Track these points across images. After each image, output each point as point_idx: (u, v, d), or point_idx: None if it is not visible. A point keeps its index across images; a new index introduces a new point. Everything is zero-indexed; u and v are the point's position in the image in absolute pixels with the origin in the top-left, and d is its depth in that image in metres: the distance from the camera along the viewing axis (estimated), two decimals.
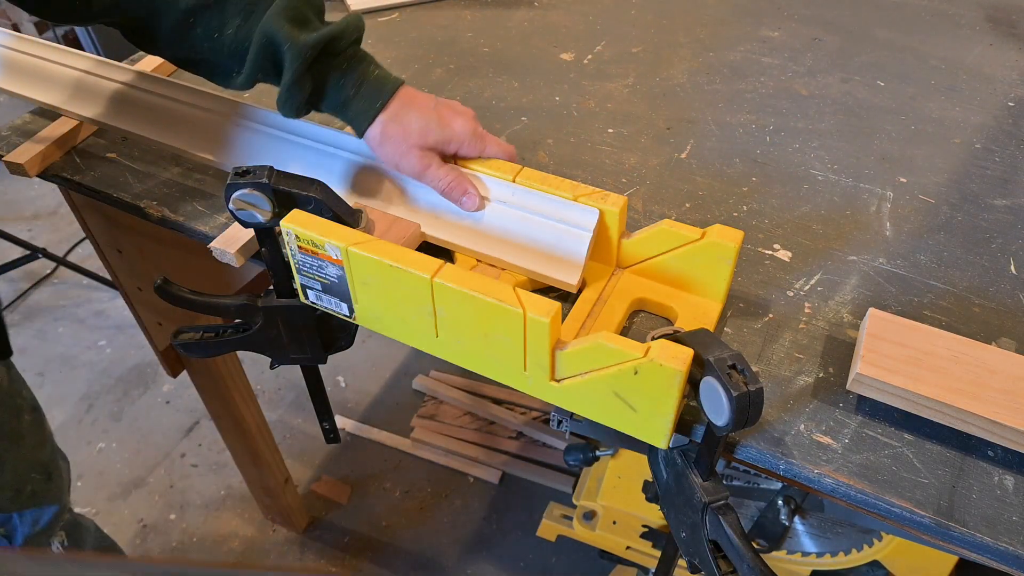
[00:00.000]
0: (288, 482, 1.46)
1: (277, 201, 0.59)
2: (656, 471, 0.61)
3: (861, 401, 0.57)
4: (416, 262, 0.55)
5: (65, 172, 0.79)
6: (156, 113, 0.80)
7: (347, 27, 0.63)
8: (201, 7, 0.62)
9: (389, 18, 1.10)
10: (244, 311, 0.69)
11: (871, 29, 1.08)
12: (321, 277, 0.61)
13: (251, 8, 0.62)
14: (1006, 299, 0.66)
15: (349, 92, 0.64)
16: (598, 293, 0.63)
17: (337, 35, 0.62)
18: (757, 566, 0.50)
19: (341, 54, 0.63)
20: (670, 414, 0.50)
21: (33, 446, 0.92)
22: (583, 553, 1.49)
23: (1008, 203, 0.77)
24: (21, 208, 2.38)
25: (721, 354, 0.47)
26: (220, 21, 0.63)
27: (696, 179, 0.79)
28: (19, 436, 0.89)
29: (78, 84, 0.83)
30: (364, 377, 1.86)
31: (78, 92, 0.83)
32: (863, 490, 0.51)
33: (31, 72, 0.85)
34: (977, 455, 0.53)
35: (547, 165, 0.81)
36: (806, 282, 0.67)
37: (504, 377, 0.57)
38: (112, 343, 1.95)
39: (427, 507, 1.59)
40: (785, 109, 0.91)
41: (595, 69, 0.98)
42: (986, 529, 0.49)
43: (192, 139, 0.78)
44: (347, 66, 0.64)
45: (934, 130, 0.87)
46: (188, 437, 1.73)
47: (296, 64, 0.61)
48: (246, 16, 0.62)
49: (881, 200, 0.77)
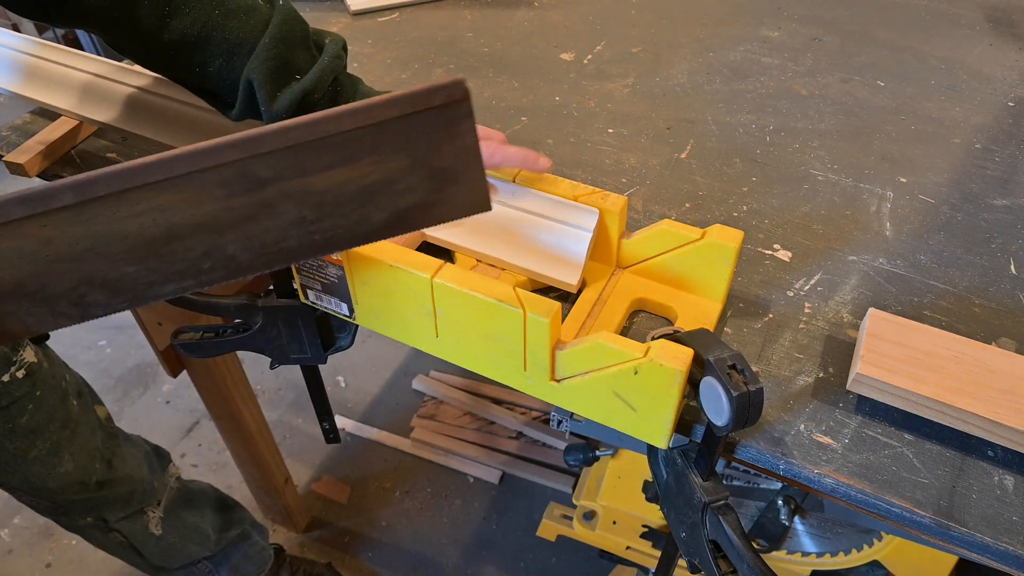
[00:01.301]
0: (288, 482, 1.46)
1: None
2: (656, 471, 0.61)
3: (861, 401, 0.57)
4: (416, 262, 0.55)
5: (65, 172, 0.79)
6: (156, 113, 0.80)
7: (321, 76, 0.63)
8: (183, 43, 0.62)
9: (389, 18, 1.10)
10: (244, 311, 0.69)
11: (871, 29, 1.08)
12: (321, 277, 0.61)
13: (234, 48, 0.62)
14: (1006, 299, 0.66)
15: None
16: (598, 293, 0.63)
17: (310, 89, 0.62)
18: (757, 566, 0.50)
19: (317, 104, 0.64)
20: (670, 414, 0.50)
21: (88, 433, 0.91)
22: (583, 553, 1.49)
23: (1008, 203, 0.77)
24: None
25: (721, 354, 0.47)
26: (202, 58, 0.63)
27: (696, 179, 0.79)
28: (71, 422, 0.87)
29: (78, 84, 0.83)
30: (364, 377, 1.86)
31: (78, 92, 0.83)
32: (863, 490, 0.51)
33: (31, 72, 0.85)
34: (977, 455, 0.53)
35: None
36: (806, 282, 0.67)
37: (504, 377, 0.57)
38: (112, 343, 1.95)
39: (427, 507, 1.59)
40: (785, 109, 0.91)
41: (595, 69, 0.98)
42: (986, 529, 0.49)
43: (192, 139, 0.78)
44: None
45: (934, 130, 0.87)
46: (188, 437, 1.73)
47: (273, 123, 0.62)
48: (228, 57, 0.62)
49: (881, 200, 0.77)
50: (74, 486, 0.90)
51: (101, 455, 0.93)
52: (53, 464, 0.86)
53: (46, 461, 0.86)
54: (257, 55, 0.61)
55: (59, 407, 0.85)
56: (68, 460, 0.88)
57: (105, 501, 0.96)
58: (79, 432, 0.89)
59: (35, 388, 0.81)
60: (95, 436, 0.93)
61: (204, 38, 0.61)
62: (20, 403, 0.80)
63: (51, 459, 0.86)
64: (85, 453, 0.90)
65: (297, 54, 0.63)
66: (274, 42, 0.61)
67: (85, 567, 1.49)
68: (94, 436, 0.92)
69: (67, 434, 0.86)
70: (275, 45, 0.61)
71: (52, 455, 0.86)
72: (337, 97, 0.65)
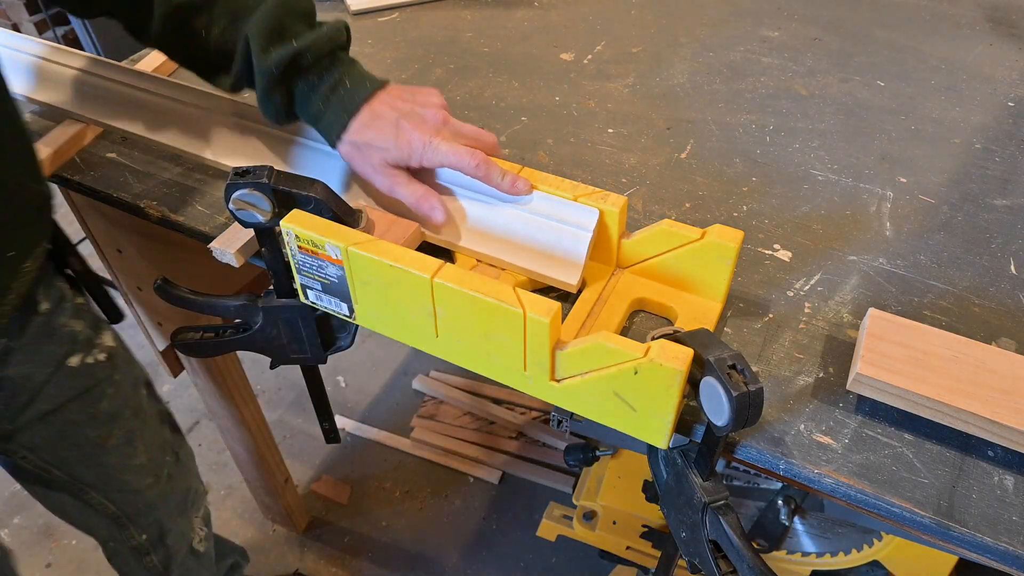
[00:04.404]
0: (288, 482, 1.46)
1: (277, 201, 0.59)
2: (656, 471, 0.61)
3: (861, 401, 0.57)
4: (416, 262, 0.55)
5: (65, 172, 0.79)
6: (156, 113, 0.80)
7: (316, 40, 0.63)
8: (191, 5, 0.64)
9: (389, 18, 1.10)
10: (244, 311, 0.69)
11: (871, 29, 1.08)
12: (321, 277, 0.61)
13: (238, 12, 0.63)
14: (1006, 299, 0.66)
15: (318, 106, 0.65)
16: (598, 293, 0.63)
17: (303, 50, 0.62)
18: (757, 566, 0.50)
19: (310, 68, 0.64)
20: (670, 414, 0.50)
21: (156, 424, 0.89)
22: (583, 553, 1.49)
23: (1008, 203, 0.77)
24: None
25: (721, 354, 0.47)
26: (208, 19, 0.64)
27: (696, 179, 0.79)
28: (142, 412, 0.85)
29: (78, 84, 0.83)
30: (364, 377, 1.86)
31: (78, 92, 0.83)
32: (863, 490, 0.51)
33: (31, 72, 0.85)
34: (977, 455, 0.53)
35: (547, 165, 0.81)
36: (806, 282, 0.67)
37: (504, 377, 0.57)
38: None
39: (427, 507, 1.59)
40: (785, 109, 0.91)
41: (595, 69, 0.98)
42: (986, 529, 0.49)
43: (192, 139, 0.78)
44: (316, 80, 0.65)
45: (934, 130, 0.87)
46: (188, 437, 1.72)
47: (263, 80, 0.63)
48: (232, 19, 0.63)
49: (881, 200, 0.77)
50: (148, 478, 0.87)
51: (171, 447, 0.92)
52: (129, 455, 0.83)
53: (123, 451, 0.83)
54: (257, 15, 0.62)
55: (132, 395, 0.83)
56: (143, 452, 0.85)
57: (170, 498, 0.93)
58: (148, 423, 0.86)
59: (114, 372, 0.79)
60: (163, 428, 0.91)
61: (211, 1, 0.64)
62: (100, 387, 0.77)
63: (127, 448, 0.83)
64: (156, 445, 0.88)
65: (296, 22, 0.64)
66: (276, 6, 0.62)
67: (85, 567, 1.49)
68: (163, 428, 0.90)
69: (138, 424, 0.84)
70: (277, 8, 0.62)
71: (128, 444, 0.83)
72: (332, 69, 0.65)
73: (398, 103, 0.66)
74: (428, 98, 0.67)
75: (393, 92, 0.67)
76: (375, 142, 0.64)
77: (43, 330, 0.70)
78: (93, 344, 0.76)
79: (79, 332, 0.74)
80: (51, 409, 0.73)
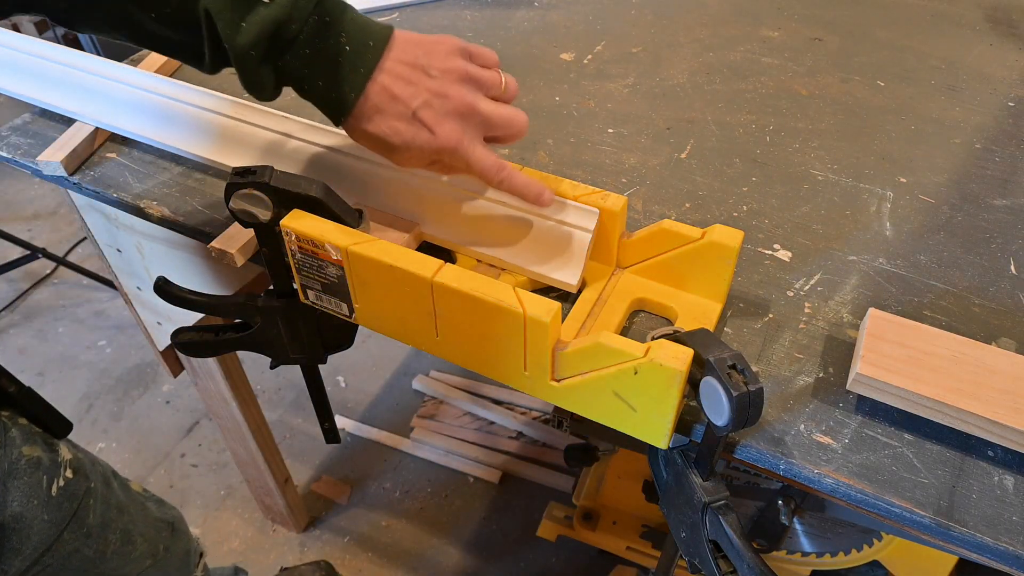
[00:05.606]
0: (288, 482, 1.46)
1: (277, 201, 0.59)
2: (656, 471, 0.61)
3: (861, 401, 0.57)
4: (416, 262, 0.55)
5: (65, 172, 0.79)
6: (156, 113, 0.80)
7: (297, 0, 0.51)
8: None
9: (389, 18, 1.10)
10: (244, 311, 0.69)
11: (871, 29, 1.08)
12: (321, 277, 0.61)
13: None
14: (1006, 299, 0.66)
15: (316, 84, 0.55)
16: (598, 293, 0.63)
17: (284, 19, 0.50)
18: (757, 566, 0.50)
19: (296, 40, 0.52)
20: (670, 414, 0.50)
21: (138, 508, 0.86)
22: (583, 553, 1.48)
23: (1008, 203, 0.77)
24: (21, 208, 2.38)
25: (721, 354, 0.47)
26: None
27: (696, 179, 0.79)
28: (125, 505, 0.82)
29: (78, 84, 0.83)
30: (364, 377, 1.86)
31: (78, 92, 0.83)
32: (863, 490, 0.51)
33: (31, 72, 0.85)
34: (977, 455, 0.53)
35: (547, 165, 0.81)
36: (806, 282, 0.67)
37: (504, 377, 0.57)
38: (112, 343, 1.95)
39: (427, 507, 1.59)
40: (785, 109, 0.91)
41: (595, 69, 0.98)
42: (986, 529, 0.49)
43: (192, 139, 0.78)
44: (309, 53, 0.53)
45: (934, 130, 0.87)
46: (188, 437, 1.73)
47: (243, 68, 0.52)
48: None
49: (881, 200, 0.77)
50: (147, 560, 0.85)
51: (165, 522, 0.90)
52: (128, 552, 0.81)
53: (123, 551, 0.80)
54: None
55: (109, 494, 0.80)
56: (141, 542, 0.83)
57: (169, 566, 0.91)
58: (135, 513, 0.84)
59: (88, 482, 0.76)
60: (147, 508, 0.88)
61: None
62: (84, 502, 0.74)
63: (127, 547, 0.80)
64: (150, 526, 0.86)
65: None
66: None
67: None
68: (146, 509, 0.88)
69: (127, 518, 0.81)
70: None
71: (127, 543, 0.80)
72: (326, 30, 0.53)
73: (413, 75, 0.55)
74: (445, 61, 0.57)
75: (403, 54, 0.56)
76: (389, 138, 0.57)
77: (8, 471, 0.67)
78: (58, 464, 0.73)
79: (41, 457, 0.70)
80: (47, 548, 0.71)
